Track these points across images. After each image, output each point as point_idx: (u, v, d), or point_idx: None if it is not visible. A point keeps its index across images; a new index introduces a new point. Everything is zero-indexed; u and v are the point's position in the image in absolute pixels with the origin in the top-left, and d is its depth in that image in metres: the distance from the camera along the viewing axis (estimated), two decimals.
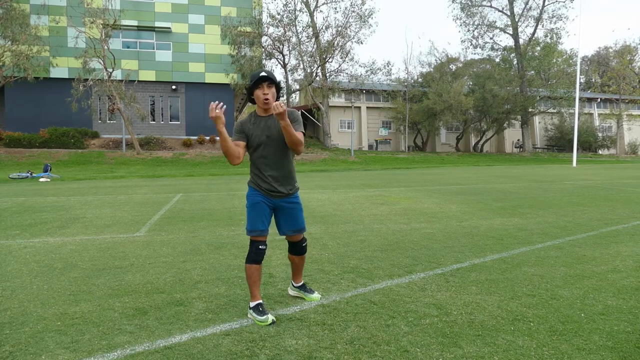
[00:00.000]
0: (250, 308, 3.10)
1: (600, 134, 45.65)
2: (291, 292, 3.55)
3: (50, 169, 18.84)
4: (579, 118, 33.30)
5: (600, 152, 45.32)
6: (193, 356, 2.55)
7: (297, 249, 3.33)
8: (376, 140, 40.48)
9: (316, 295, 3.48)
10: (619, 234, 5.87)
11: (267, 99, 2.93)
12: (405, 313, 3.16)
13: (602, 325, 2.93)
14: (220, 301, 3.44)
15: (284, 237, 3.31)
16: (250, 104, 4.50)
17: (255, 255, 3.07)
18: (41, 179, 16.87)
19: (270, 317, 3.01)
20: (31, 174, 17.76)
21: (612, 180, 14.68)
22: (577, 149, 29.48)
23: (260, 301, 3.11)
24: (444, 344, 2.68)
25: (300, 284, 3.52)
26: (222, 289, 3.74)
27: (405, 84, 40.14)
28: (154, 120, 33.47)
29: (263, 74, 2.92)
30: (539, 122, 46.31)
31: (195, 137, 32.36)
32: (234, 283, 3.89)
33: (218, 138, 27.68)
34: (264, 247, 3.09)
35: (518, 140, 44.62)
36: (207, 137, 32.30)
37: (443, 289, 3.65)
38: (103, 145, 30.40)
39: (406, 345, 2.66)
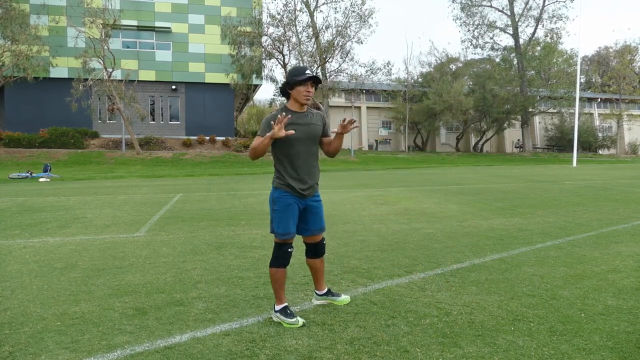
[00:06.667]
0: (276, 311, 3.04)
1: (600, 134, 45.67)
2: (316, 301, 3.38)
3: (50, 169, 18.83)
4: (579, 118, 33.27)
5: (600, 152, 45.33)
6: (193, 356, 2.55)
7: (319, 249, 3.25)
8: (376, 140, 40.49)
9: (345, 297, 3.38)
10: (619, 234, 5.87)
11: (308, 97, 3.02)
12: (405, 313, 3.16)
13: (602, 325, 2.93)
14: (220, 301, 3.44)
15: (303, 239, 3.26)
16: (250, 102, 4.46)
17: (284, 259, 3.05)
18: (41, 179, 16.86)
19: (300, 320, 2.99)
20: (31, 174, 17.75)
21: (612, 180, 14.67)
22: (577, 149, 29.46)
23: (287, 304, 3.08)
24: (444, 344, 2.68)
25: (325, 290, 3.37)
26: (222, 289, 3.73)
27: (405, 84, 40.13)
28: (153, 120, 33.46)
29: (309, 73, 2.97)
30: (539, 122, 46.34)
31: (195, 137, 32.32)
32: (234, 283, 3.88)
33: (203, 138, 27.06)
34: (292, 249, 3.09)
35: (518, 140, 44.61)
36: (207, 137, 32.28)
37: (443, 289, 3.65)
38: (103, 145, 30.39)
39: (406, 345, 2.66)
